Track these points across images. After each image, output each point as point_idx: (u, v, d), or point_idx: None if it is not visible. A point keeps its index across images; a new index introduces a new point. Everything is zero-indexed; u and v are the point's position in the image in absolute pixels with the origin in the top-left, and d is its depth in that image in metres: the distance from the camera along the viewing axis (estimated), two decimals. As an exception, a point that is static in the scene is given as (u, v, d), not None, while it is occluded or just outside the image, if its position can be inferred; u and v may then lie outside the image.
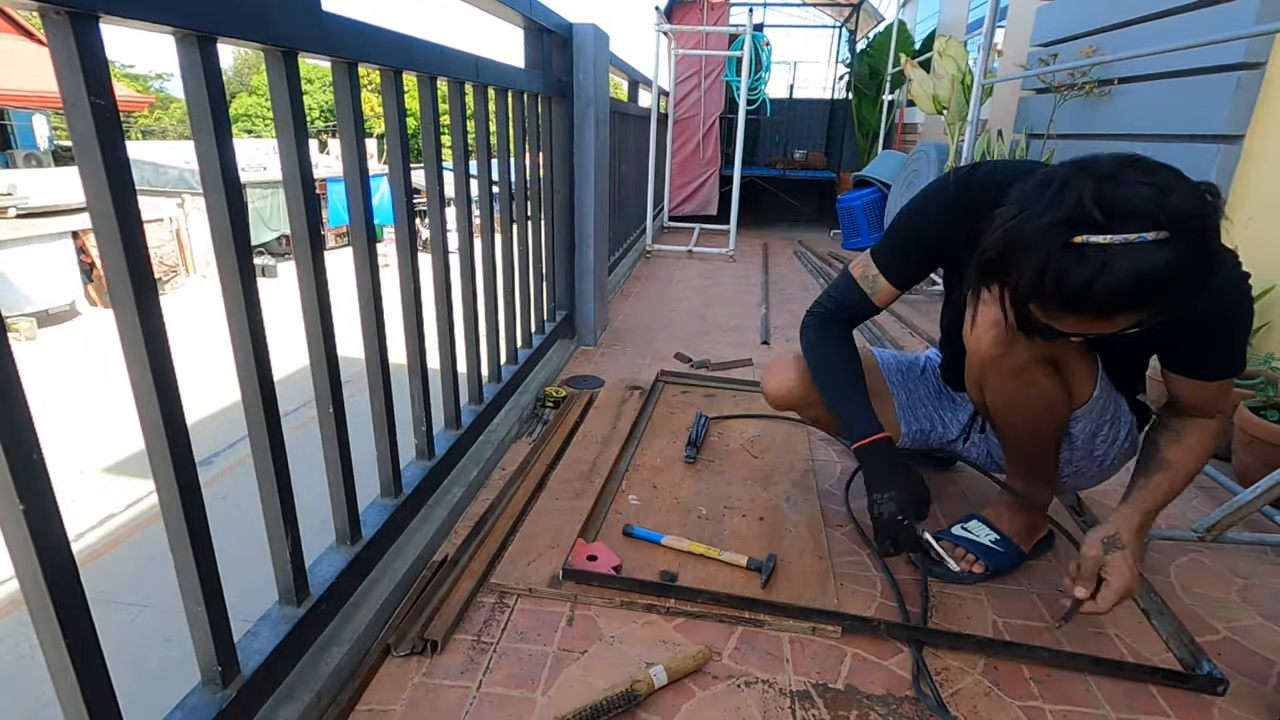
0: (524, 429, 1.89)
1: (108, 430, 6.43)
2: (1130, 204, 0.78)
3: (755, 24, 4.58)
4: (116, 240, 0.66)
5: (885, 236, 1.23)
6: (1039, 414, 1.17)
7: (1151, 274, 0.77)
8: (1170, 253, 0.77)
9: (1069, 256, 0.79)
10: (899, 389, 1.44)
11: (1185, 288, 0.80)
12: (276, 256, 13.66)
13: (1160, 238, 0.77)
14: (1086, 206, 0.79)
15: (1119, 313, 0.82)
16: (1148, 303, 0.81)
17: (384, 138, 1.25)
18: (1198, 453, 1.09)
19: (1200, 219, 0.78)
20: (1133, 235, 0.77)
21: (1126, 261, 0.77)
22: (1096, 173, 0.81)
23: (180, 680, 0.83)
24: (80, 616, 0.65)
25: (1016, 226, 0.84)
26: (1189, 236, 0.77)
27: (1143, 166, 0.82)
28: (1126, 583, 1.04)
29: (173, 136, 27.19)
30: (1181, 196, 0.78)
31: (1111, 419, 1.20)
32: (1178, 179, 0.80)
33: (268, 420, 0.90)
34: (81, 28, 0.60)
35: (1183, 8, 2.46)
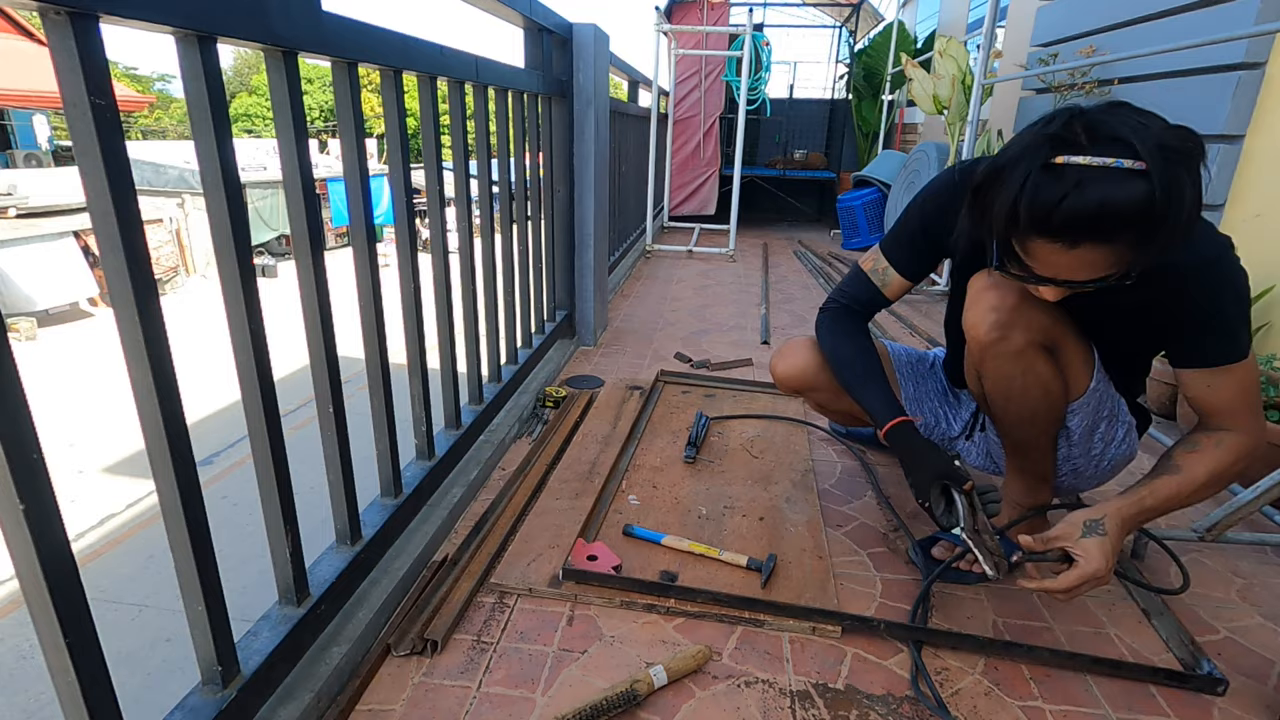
0: (524, 429, 1.89)
1: (108, 430, 6.43)
2: (1114, 129, 0.80)
3: (755, 24, 4.58)
4: (116, 240, 0.66)
5: (893, 230, 1.26)
6: (1036, 401, 1.17)
7: (1122, 201, 0.78)
8: (1144, 184, 0.78)
9: (1047, 175, 0.82)
10: (907, 381, 1.45)
11: (1152, 227, 0.80)
12: (276, 256, 13.65)
13: (1137, 167, 0.78)
14: (1074, 128, 0.82)
15: (1084, 239, 0.83)
16: (1114, 234, 0.82)
17: (384, 138, 1.25)
18: (1212, 465, 1.04)
19: (1181, 157, 0.79)
20: (1110, 160, 0.79)
21: (1100, 185, 0.79)
22: (1086, 109, 0.85)
23: (180, 680, 0.83)
24: (80, 616, 0.65)
25: (1003, 151, 0.87)
26: (1166, 173, 0.78)
27: (1133, 109, 0.85)
28: (1095, 569, 1.00)
29: (173, 136, 27.19)
30: (1166, 135, 0.80)
31: (1109, 416, 1.20)
32: (1164, 123, 0.82)
33: (268, 420, 0.90)
34: (81, 28, 0.60)
35: (1183, 8, 2.46)
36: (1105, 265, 0.86)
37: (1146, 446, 1.89)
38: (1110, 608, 1.23)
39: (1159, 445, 1.85)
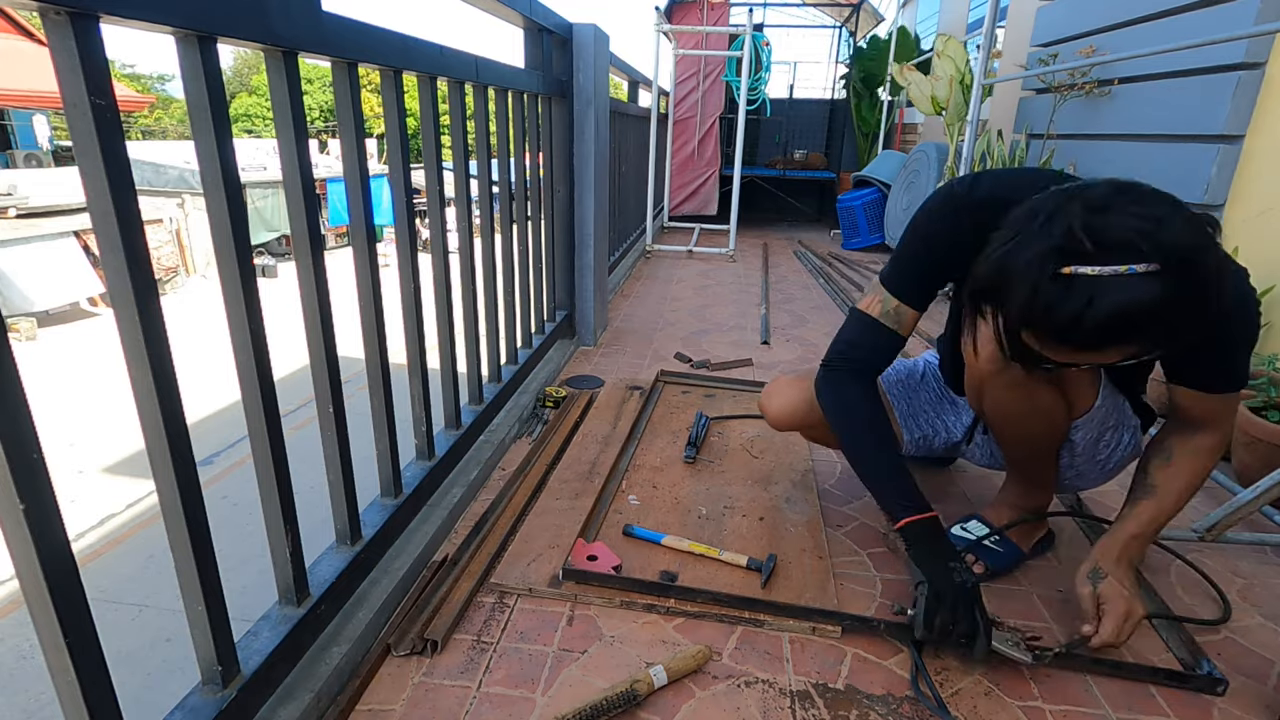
0: (524, 429, 1.89)
1: (108, 430, 6.43)
2: (1120, 234, 0.76)
3: (755, 24, 4.58)
4: (116, 240, 0.66)
5: (895, 264, 1.17)
6: (1038, 427, 1.16)
7: (1140, 307, 0.75)
8: (1160, 286, 0.75)
9: (1058, 287, 0.77)
10: (899, 399, 1.42)
11: (1177, 321, 0.78)
12: (276, 256, 13.65)
13: (1150, 270, 0.75)
14: (1076, 235, 0.77)
15: (1110, 345, 0.81)
16: (1139, 336, 0.79)
17: (384, 138, 1.25)
18: (1187, 477, 1.08)
19: (1193, 251, 0.75)
20: (1122, 267, 0.75)
21: (1115, 294, 0.75)
22: (1087, 201, 0.79)
23: (180, 680, 0.83)
24: (80, 616, 0.65)
25: (1006, 256, 0.82)
26: (1180, 269, 0.75)
27: (1136, 195, 0.80)
28: (1124, 607, 1.04)
29: (173, 136, 27.19)
30: (1175, 228, 0.76)
31: (1115, 424, 1.19)
32: (1173, 210, 0.78)
33: (268, 420, 0.90)
34: (82, 28, 0.60)
35: (1183, 8, 2.46)
36: (1135, 353, 0.83)
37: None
38: (1110, 608, 1.23)
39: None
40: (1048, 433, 1.17)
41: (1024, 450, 1.25)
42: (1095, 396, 1.12)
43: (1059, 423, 1.15)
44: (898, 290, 1.16)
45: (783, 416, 1.41)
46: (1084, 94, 2.94)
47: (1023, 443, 1.23)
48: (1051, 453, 1.22)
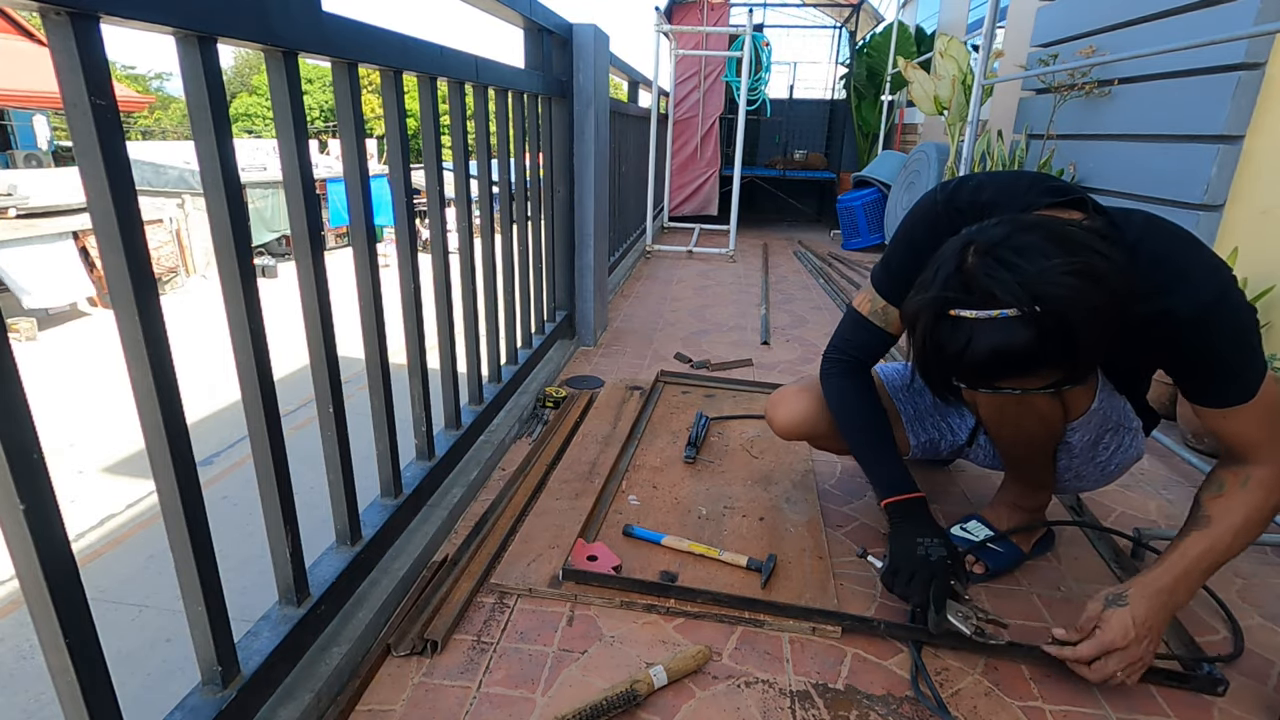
0: (524, 429, 1.89)
1: (108, 430, 6.43)
2: (987, 282, 0.82)
3: (755, 24, 4.58)
4: (117, 240, 0.66)
5: (883, 266, 1.21)
6: (1032, 428, 1.16)
7: (1012, 348, 0.81)
8: (1026, 329, 0.80)
9: (945, 327, 0.85)
10: (905, 404, 1.42)
11: (1052, 358, 0.83)
12: (276, 256, 13.66)
13: (1017, 314, 0.80)
14: (959, 282, 0.84)
15: (999, 378, 0.86)
16: (1019, 370, 0.85)
17: (384, 138, 1.25)
18: (1245, 511, 0.99)
19: (1061, 299, 0.80)
20: (994, 311, 0.82)
21: (988, 335, 0.82)
22: (980, 245, 0.85)
23: (180, 680, 0.84)
24: (80, 616, 0.65)
25: (913, 298, 0.90)
26: (1046, 316, 0.80)
27: (1028, 239, 0.84)
28: (1113, 637, 0.98)
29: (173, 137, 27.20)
30: (1044, 275, 0.80)
31: (1114, 426, 1.18)
32: (1062, 252, 0.82)
33: (268, 420, 0.90)
34: (82, 28, 0.60)
35: (1183, 8, 2.46)
36: (1039, 383, 0.88)
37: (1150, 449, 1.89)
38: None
39: (1159, 446, 1.85)
40: (1043, 434, 1.17)
41: (1021, 451, 1.25)
42: (1092, 399, 1.12)
43: (1054, 425, 1.15)
44: (885, 291, 1.21)
45: (790, 425, 1.41)
46: (1084, 94, 2.94)
47: (1019, 444, 1.22)
48: (1048, 454, 1.22)
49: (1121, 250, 0.91)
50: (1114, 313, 0.83)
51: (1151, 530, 1.39)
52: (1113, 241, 0.91)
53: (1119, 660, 0.98)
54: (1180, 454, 1.75)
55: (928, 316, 0.87)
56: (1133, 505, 1.59)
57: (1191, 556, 1.00)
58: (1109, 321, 0.83)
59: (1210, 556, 1.00)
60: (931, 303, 0.86)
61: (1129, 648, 0.98)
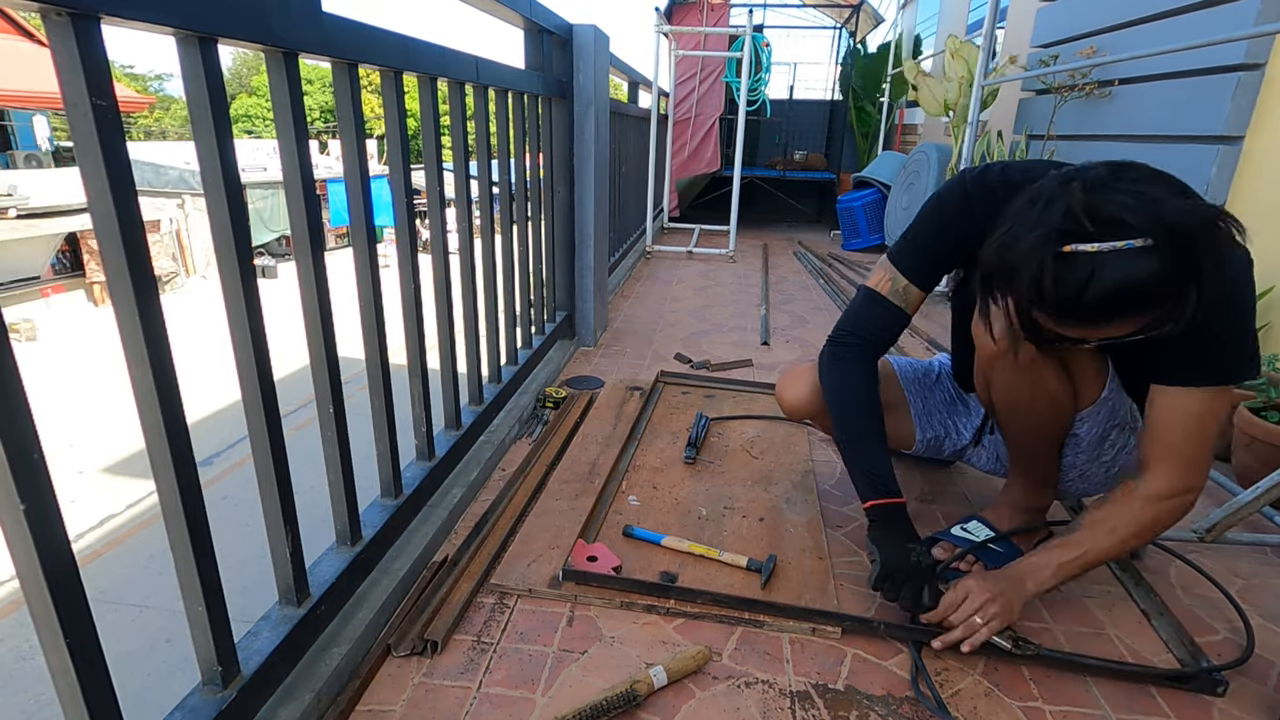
0: (524, 430, 1.89)
1: (108, 430, 6.43)
2: (1115, 211, 0.80)
3: (755, 25, 4.58)
4: (117, 240, 0.66)
5: (904, 243, 1.20)
6: (1044, 412, 1.16)
7: (1139, 280, 0.79)
8: (1157, 260, 0.78)
9: (1061, 266, 0.82)
10: (915, 396, 1.43)
11: (1178, 293, 0.81)
12: (276, 257, 13.66)
13: (1146, 244, 0.78)
14: (1076, 215, 0.81)
15: (1115, 318, 0.84)
16: (1142, 308, 0.83)
17: (384, 138, 1.25)
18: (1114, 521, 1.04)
19: (1187, 228, 0.79)
20: (1120, 243, 0.79)
21: (1115, 268, 0.79)
22: (1086, 182, 0.83)
23: (180, 680, 0.84)
24: (81, 617, 0.65)
25: (1010, 240, 0.86)
26: (1174, 244, 0.78)
27: (1134, 174, 0.83)
28: (952, 597, 1.08)
29: (173, 137, 27.21)
30: (1169, 205, 0.79)
31: (1122, 424, 1.18)
32: (1169, 188, 0.81)
33: (268, 420, 0.90)
34: (83, 28, 0.60)
35: (1183, 8, 2.46)
36: (1141, 327, 0.86)
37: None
38: (1110, 608, 1.23)
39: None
40: (1053, 420, 1.17)
41: (1030, 441, 1.25)
42: (1102, 388, 1.12)
43: (1065, 410, 1.15)
44: (907, 269, 1.19)
45: (798, 404, 1.40)
46: (1084, 95, 2.95)
47: (1029, 432, 1.22)
48: (1056, 444, 1.22)
49: None
50: (1227, 249, 0.82)
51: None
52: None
53: (973, 602, 1.06)
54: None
55: (1039, 256, 0.82)
56: (1133, 506, 1.59)
57: (1050, 554, 1.08)
58: (1222, 259, 0.82)
59: (1067, 558, 1.06)
60: (1044, 239, 0.82)
61: (977, 597, 1.06)
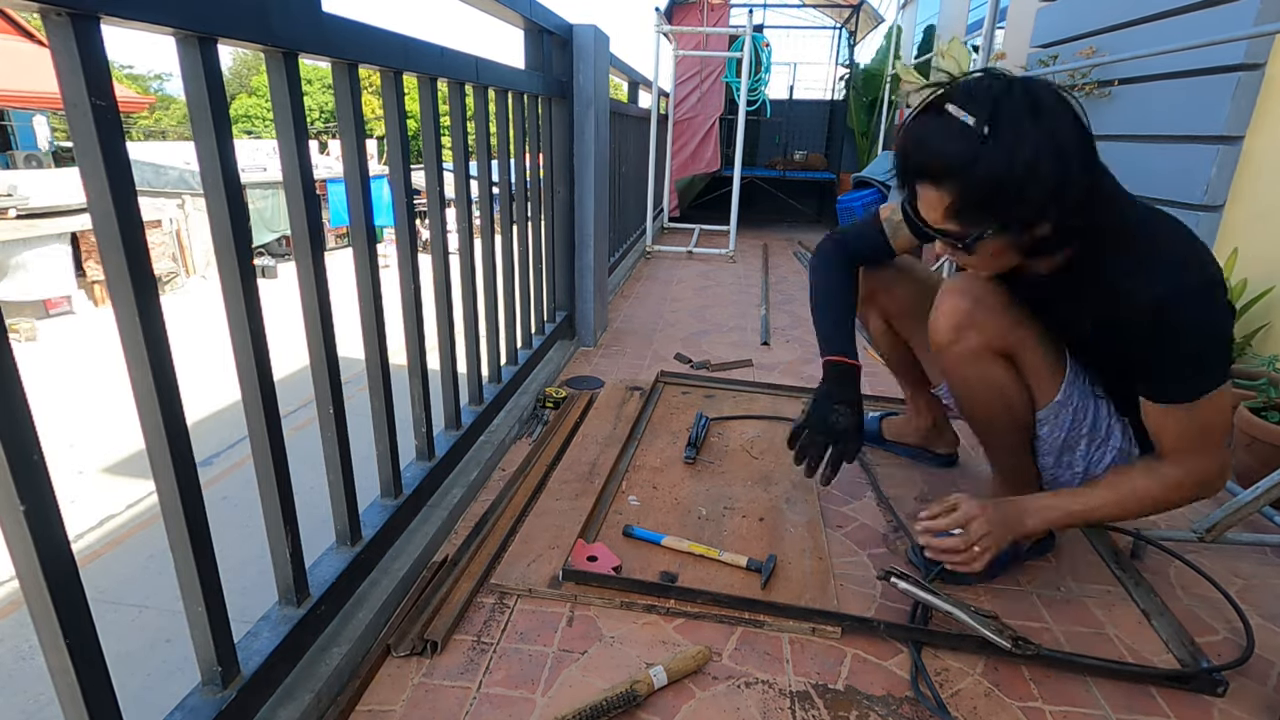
0: (524, 430, 1.89)
1: (108, 430, 6.43)
2: (984, 99, 0.90)
3: (755, 25, 4.58)
4: (117, 240, 0.66)
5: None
6: (993, 404, 1.20)
7: (940, 144, 0.91)
8: (971, 141, 0.88)
9: (928, 115, 0.94)
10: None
11: (970, 178, 0.90)
12: (276, 257, 13.67)
13: (983, 131, 0.88)
14: (969, 88, 0.92)
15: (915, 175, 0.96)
16: (935, 175, 0.93)
17: (384, 139, 1.25)
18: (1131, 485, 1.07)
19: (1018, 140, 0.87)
20: (971, 118, 0.89)
21: (937, 127, 0.92)
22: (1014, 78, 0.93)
23: (180, 680, 0.84)
24: (80, 617, 0.65)
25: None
26: (1000, 138, 0.87)
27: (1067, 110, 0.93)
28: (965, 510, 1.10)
29: (173, 137, 27.21)
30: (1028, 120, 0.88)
31: (1094, 437, 1.17)
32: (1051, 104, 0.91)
33: (268, 420, 0.90)
34: (82, 29, 0.60)
35: (1183, 8, 2.46)
36: (937, 211, 0.96)
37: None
38: (1110, 608, 1.23)
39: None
40: (1005, 412, 1.20)
41: (992, 435, 1.29)
42: (1057, 389, 1.15)
43: (1016, 404, 1.19)
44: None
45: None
46: (1084, 95, 2.94)
47: (987, 423, 1.26)
48: (1019, 441, 1.24)
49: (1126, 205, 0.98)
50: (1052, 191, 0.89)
51: (1151, 530, 1.39)
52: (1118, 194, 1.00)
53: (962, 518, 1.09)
54: (1180, 454, 1.75)
55: (923, 105, 0.95)
56: (1133, 506, 1.59)
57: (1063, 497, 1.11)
58: (1044, 197, 0.89)
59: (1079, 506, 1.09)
60: (937, 96, 0.94)
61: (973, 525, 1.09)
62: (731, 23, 5.91)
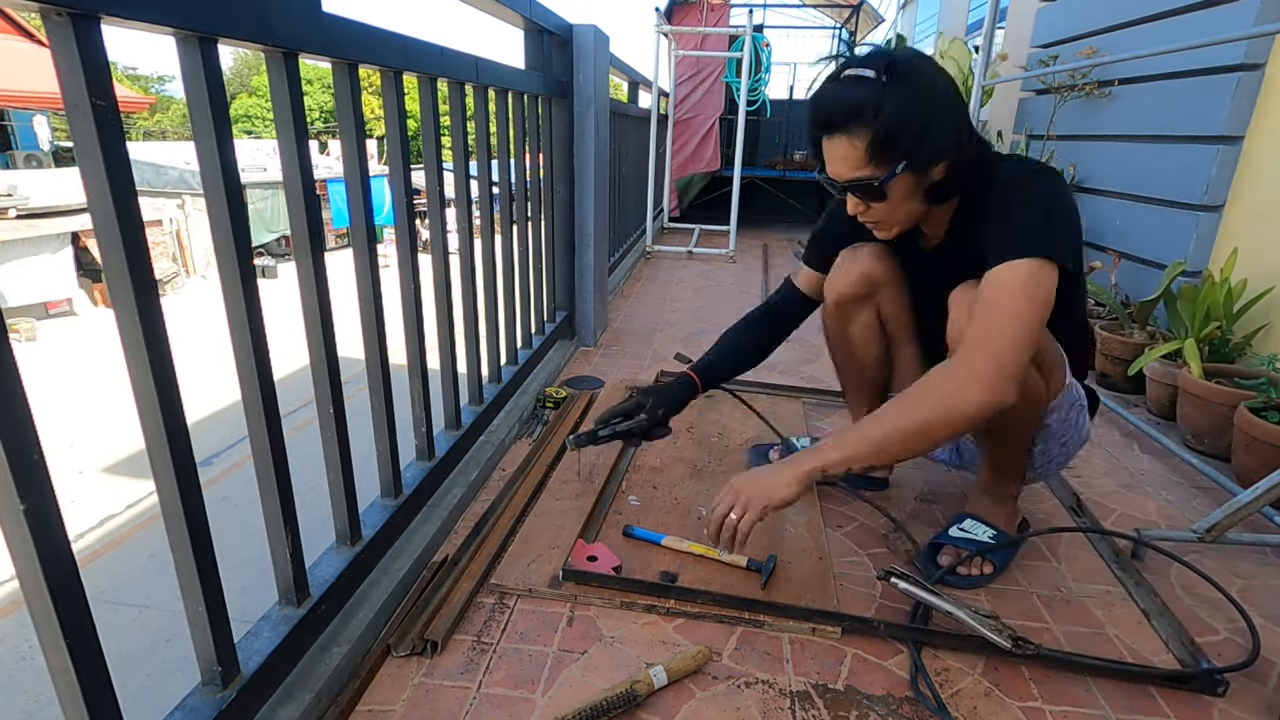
0: (524, 429, 1.89)
1: (108, 430, 6.43)
2: (874, 55, 1.02)
3: (755, 25, 4.58)
4: (117, 241, 0.66)
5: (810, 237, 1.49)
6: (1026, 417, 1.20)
7: (845, 96, 1.01)
8: (869, 89, 0.99)
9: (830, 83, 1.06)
10: None
11: (873, 121, 0.99)
12: (276, 257, 13.67)
13: (881, 79, 0.99)
14: (871, 53, 1.03)
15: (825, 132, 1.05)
16: (845, 124, 1.01)
17: (384, 139, 1.25)
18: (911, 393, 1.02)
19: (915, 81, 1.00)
20: (870, 71, 1.00)
21: (841, 85, 1.02)
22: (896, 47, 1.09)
23: (180, 680, 0.84)
24: (80, 617, 0.65)
25: None
26: (890, 84, 0.98)
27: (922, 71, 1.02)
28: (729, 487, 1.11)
29: (173, 137, 27.21)
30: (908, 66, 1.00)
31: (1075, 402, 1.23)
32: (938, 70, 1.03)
33: (268, 420, 0.90)
34: (83, 29, 0.60)
35: (1183, 8, 2.46)
36: (851, 159, 1.03)
37: (1150, 449, 1.90)
38: (1110, 608, 1.23)
39: (1158, 447, 1.85)
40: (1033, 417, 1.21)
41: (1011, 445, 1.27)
42: (1065, 373, 1.18)
43: (1041, 403, 1.18)
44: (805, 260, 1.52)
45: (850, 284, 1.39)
46: (1084, 95, 2.95)
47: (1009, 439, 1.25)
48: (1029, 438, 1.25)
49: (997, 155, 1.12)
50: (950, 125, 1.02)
51: (1151, 531, 1.39)
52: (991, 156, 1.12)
53: (729, 495, 1.10)
54: (1180, 454, 1.75)
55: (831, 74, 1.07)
56: (1133, 506, 1.59)
57: (831, 436, 1.10)
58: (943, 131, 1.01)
59: (844, 433, 1.08)
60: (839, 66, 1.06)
61: (740, 487, 1.09)
62: (731, 23, 5.91)
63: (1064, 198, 1.04)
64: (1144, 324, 2.25)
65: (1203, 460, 1.71)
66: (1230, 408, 1.72)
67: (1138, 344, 2.16)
